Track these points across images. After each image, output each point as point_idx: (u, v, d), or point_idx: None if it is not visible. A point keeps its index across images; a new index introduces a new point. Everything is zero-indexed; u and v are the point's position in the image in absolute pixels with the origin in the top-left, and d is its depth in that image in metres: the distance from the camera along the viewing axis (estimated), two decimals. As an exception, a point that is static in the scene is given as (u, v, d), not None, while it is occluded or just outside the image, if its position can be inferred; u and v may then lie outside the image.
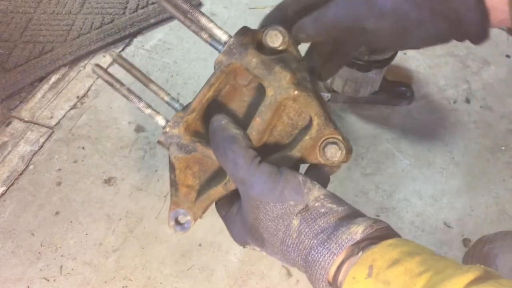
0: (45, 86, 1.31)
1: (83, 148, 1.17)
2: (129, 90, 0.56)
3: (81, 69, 1.35)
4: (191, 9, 0.51)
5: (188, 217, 0.54)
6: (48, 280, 0.96)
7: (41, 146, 1.17)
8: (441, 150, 1.20)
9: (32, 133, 1.20)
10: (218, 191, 0.53)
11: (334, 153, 0.51)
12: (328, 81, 1.20)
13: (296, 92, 0.50)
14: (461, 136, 1.22)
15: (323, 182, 0.54)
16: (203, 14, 0.52)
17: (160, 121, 0.54)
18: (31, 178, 1.11)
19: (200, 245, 1.02)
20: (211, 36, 0.53)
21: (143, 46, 1.42)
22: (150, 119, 0.56)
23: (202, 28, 0.52)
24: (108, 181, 1.11)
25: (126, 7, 1.51)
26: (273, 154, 0.52)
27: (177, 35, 1.46)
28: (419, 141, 1.21)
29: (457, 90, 1.33)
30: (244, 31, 0.52)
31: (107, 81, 0.55)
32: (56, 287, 0.95)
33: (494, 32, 1.59)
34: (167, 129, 0.52)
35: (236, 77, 0.53)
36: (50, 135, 1.19)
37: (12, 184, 1.10)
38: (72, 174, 1.12)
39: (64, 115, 1.24)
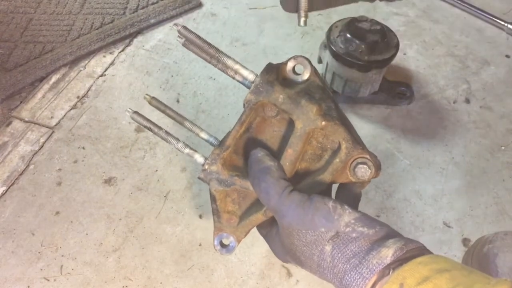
0: (46, 86, 1.31)
1: (83, 148, 1.17)
2: (167, 132, 0.59)
3: (81, 69, 1.35)
4: (217, 53, 0.56)
5: (232, 239, 0.58)
6: (48, 280, 0.96)
7: (42, 146, 1.17)
8: (441, 150, 1.20)
9: (33, 133, 1.20)
10: (259, 217, 0.56)
11: (364, 173, 0.54)
12: (328, 81, 1.21)
13: (323, 123, 0.53)
14: (461, 136, 1.23)
15: (355, 198, 0.57)
16: (228, 56, 0.56)
17: (199, 159, 0.57)
18: (31, 178, 1.11)
19: (200, 245, 1.02)
20: (238, 73, 0.56)
21: (143, 46, 1.42)
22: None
23: (228, 67, 0.56)
24: (108, 181, 1.11)
25: (126, 8, 1.51)
26: (306, 179, 0.56)
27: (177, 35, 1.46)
28: (419, 141, 1.21)
29: (456, 90, 1.33)
30: (269, 68, 0.55)
31: (145, 126, 0.59)
32: (57, 287, 0.95)
33: (494, 32, 1.60)
34: (206, 167, 0.56)
35: (264, 109, 0.56)
36: (50, 135, 1.19)
37: (13, 184, 1.10)
38: (72, 174, 1.12)
39: (64, 115, 1.24)
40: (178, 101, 1.28)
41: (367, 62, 1.10)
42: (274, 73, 0.54)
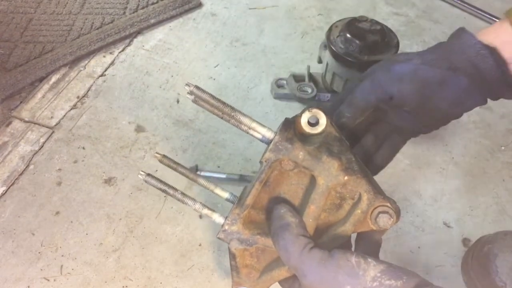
0: (46, 86, 1.31)
1: (83, 148, 1.17)
2: (183, 194, 0.58)
3: (81, 69, 1.35)
4: (233, 112, 0.54)
5: None
6: (48, 280, 0.96)
7: (41, 146, 1.17)
8: (441, 150, 1.20)
9: (33, 133, 1.20)
10: (282, 274, 0.55)
11: (386, 222, 0.54)
12: (328, 81, 1.21)
13: (346, 178, 0.53)
14: (461, 136, 1.23)
15: (376, 245, 0.57)
16: (244, 114, 0.55)
17: (217, 219, 0.56)
18: (31, 178, 1.11)
19: (200, 245, 1.02)
20: (252, 129, 0.55)
21: (143, 46, 1.42)
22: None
23: (244, 125, 0.55)
24: (108, 181, 1.11)
25: (126, 7, 1.51)
26: (327, 232, 0.55)
27: (177, 35, 1.46)
28: (419, 141, 1.21)
29: (457, 90, 1.33)
30: (287, 125, 0.54)
31: (160, 189, 0.58)
32: (57, 287, 0.95)
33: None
34: (226, 227, 0.55)
35: (281, 163, 0.55)
36: (50, 135, 1.19)
37: (13, 184, 1.10)
38: (72, 174, 1.12)
39: (64, 115, 1.24)
40: (178, 101, 1.28)
41: (367, 62, 1.10)
42: (292, 129, 0.54)
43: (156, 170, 1.13)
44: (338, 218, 0.56)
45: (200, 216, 1.06)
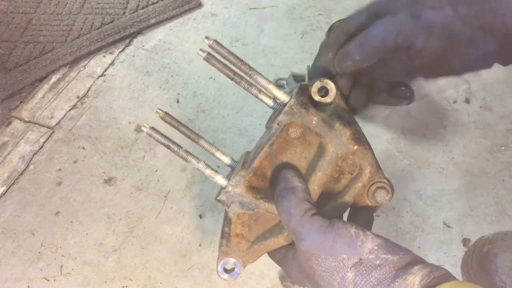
0: (45, 86, 1.31)
1: (83, 148, 1.17)
2: (187, 152, 0.57)
3: (81, 69, 1.35)
4: (250, 71, 0.54)
5: (237, 264, 0.56)
6: (48, 280, 0.96)
7: (41, 146, 1.17)
8: (441, 150, 1.20)
9: (33, 133, 1.20)
10: (278, 242, 0.55)
11: (383, 197, 0.55)
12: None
13: (356, 147, 0.53)
14: (461, 136, 1.22)
15: (369, 221, 0.57)
16: (262, 75, 0.54)
17: (220, 180, 0.54)
18: (31, 178, 1.11)
19: (200, 245, 1.02)
20: (268, 90, 0.54)
21: (143, 46, 1.42)
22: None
23: (252, 85, 0.54)
24: (108, 181, 1.11)
25: (126, 8, 1.51)
26: (328, 204, 0.56)
27: (177, 35, 1.46)
28: (419, 141, 1.21)
29: (457, 90, 1.33)
30: (303, 90, 0.54)
31: (163, 144, 0.56)
32: (56, 287, 0.95)
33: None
34: (229, 188, 0.54)
35: (288, 130, 0.55)
36: (50, 135, 1.19)
37: (13, 184, 1.10)
38: (72, 174, 1.12)
39: (64, 115, 1.24)
40: (178, 101, 1.28)
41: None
42: (307, 95, 0.53)
43: (156, 170, 1.13)
44: (335, 192, 0.56)
45: (200, 216, 1.06)
